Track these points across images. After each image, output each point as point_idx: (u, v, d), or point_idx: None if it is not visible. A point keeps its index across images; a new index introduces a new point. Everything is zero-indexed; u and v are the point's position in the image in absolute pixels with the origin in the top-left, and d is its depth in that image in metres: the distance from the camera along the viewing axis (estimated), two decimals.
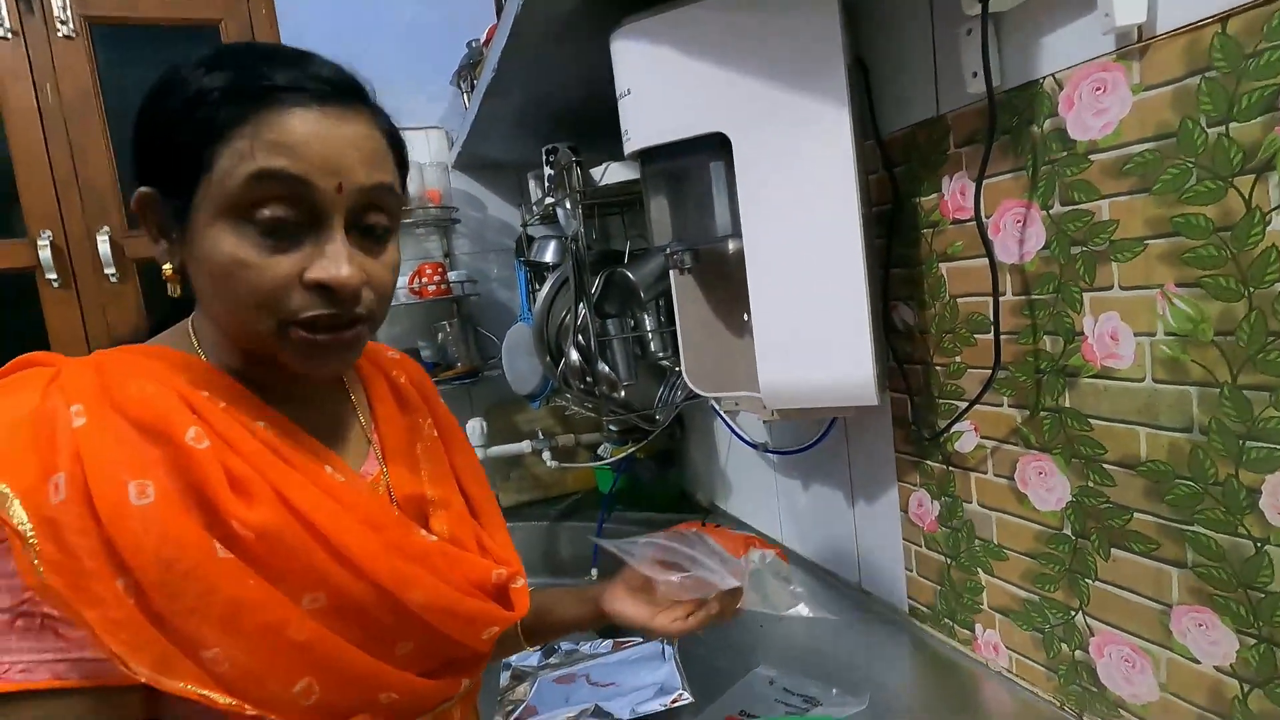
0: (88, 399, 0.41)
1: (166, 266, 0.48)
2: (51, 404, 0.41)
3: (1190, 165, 0.51)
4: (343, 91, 0.46)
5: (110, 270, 1.45)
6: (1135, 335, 0.56)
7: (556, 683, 0.85)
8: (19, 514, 0.37)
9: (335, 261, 0.44)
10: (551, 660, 0.93)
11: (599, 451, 1.64)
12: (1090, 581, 0.64)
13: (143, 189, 0.47)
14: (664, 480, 1.57)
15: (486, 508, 0.60)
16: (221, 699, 0.40)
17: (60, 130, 1.42)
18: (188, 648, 0.40)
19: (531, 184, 1.44)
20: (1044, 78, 0.60)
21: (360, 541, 0.45)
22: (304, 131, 0.43)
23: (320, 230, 0.45)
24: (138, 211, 0.48)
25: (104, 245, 1.44)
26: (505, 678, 0.89)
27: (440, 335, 1.57)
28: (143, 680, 0.38)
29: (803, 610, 0.61)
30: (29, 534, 0.37)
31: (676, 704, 0.78)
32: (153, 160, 0.46)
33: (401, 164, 0.51)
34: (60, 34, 1.41)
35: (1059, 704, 0.69)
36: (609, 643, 0.95)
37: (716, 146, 0.77)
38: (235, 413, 0.46)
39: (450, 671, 0.52)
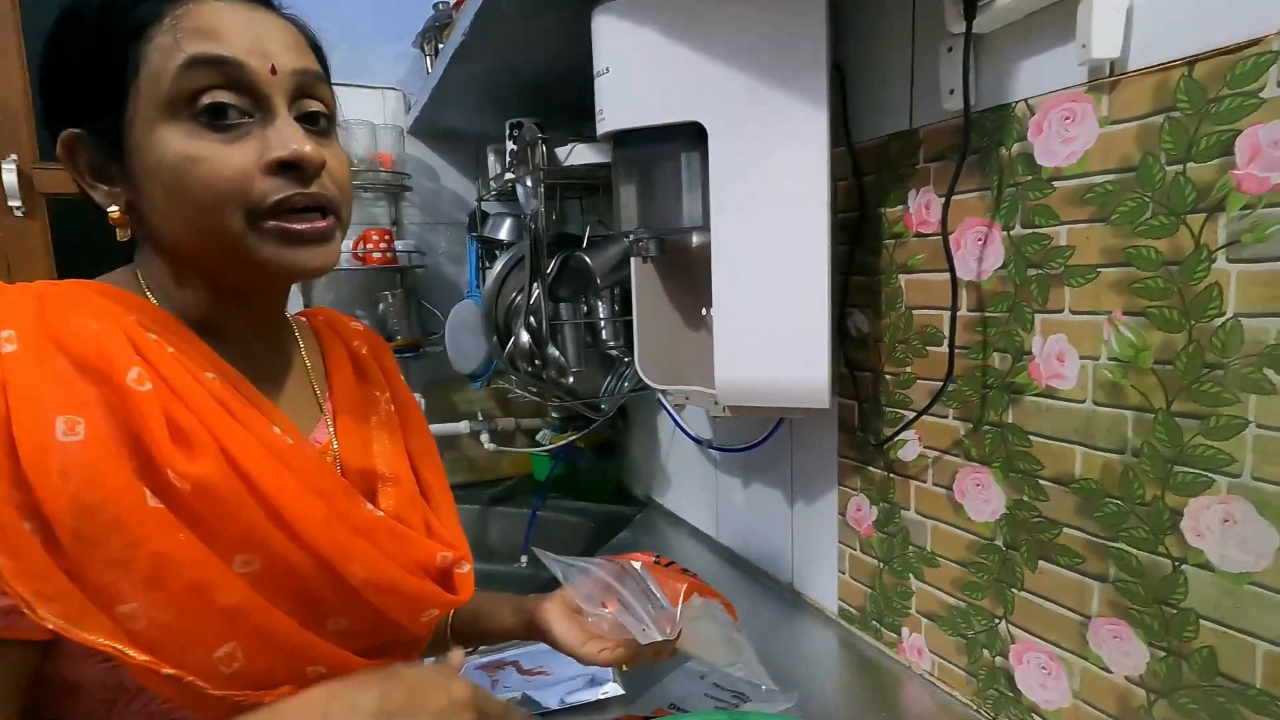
0: (22, 327, 0.38)
1: (113, 209, 0.45)
2: None
3: (1147, 200, 0.53)
4: None
5: (15, 203, 1.32)
6: (1080, 358, 0.59)
7: (484, 670, 0.83)
8: None
9: (292, 137, 0.43)
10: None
11: (538, 438, 1.61)
12: (1016, 591, 0.66)
13: (65, 132, 0.44)
14: (602, 471, 1.56)
15: (437, 491, 0.57)
16: (137, 655, 0.37)
17: None
18: (102, 601, 0.37)
19: (491, 158, 1.40)
20: (1017, 102, 0.62)
21: (303, 506, 0.43)
22: (226, 19, 0.43)
23: (266, 116, 0.44)
24: (65, 159, 0.45)
25: (9, 175, 1.31)
26: (429, 662, 0.86)
27: (381, 305, 1.51)
28: (50, 628, 0.35)
29: (737, 671, 0.60)
30: None
31: (607, 695, 0.77)
32: (71, 93, 0.44)
33: (323, 62, 0.50)
34: None
35: (976, 707, 0.72)
36: None
37: (692, 136, 0.76)
38: (184, 359, 0.43)
39: (383, 653, 0.50)
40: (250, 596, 0.41)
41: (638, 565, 0.62)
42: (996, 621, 0.69)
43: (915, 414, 0.74)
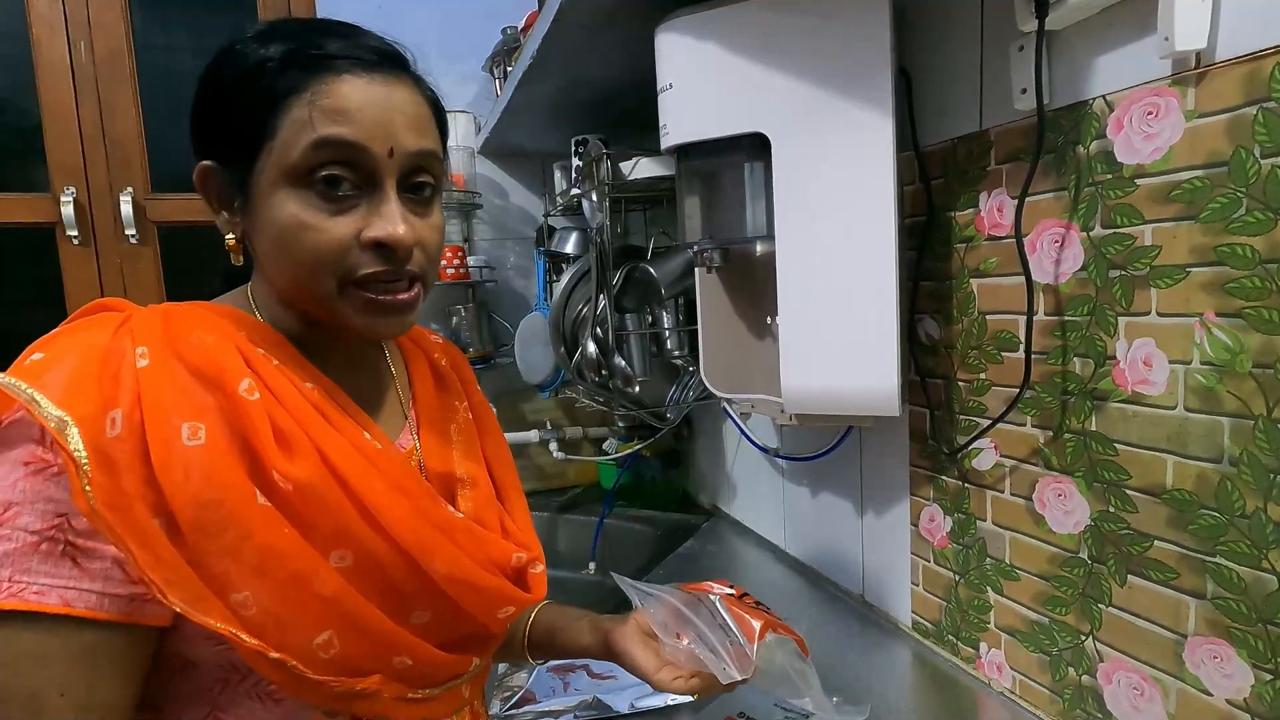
0: (153, 343, 0.43)
1: (229, 236, 0.50)
2: (120, 344, 0.43)
3: (1240, 195, 0.51)
4: (389, 60, 0.49)
5: (131, 231, 1.45)
6: (1170, 362, 0.56)
7: (555, 672, 0.85)
8: (76, 441, 0.39)
9: (391, 220, 0.46)
10: None
11: (604, 446, 1.63)
12: (1104, 607, 0.64)
13: (203, 163, 0.49)
14: (667, 479, 1.57)
15: (512, 494, 0.60)
16: (249, 640, 0.41)
17: (91, 87, 1.42)
18: (217, 588, 0.41)
19: (557, 174, 1.44)
20: (1094, 99, 0.60)
21: (390, 505, 0.46)
22: (358, 99, 0.46)
23: (374, 192, 0.47)
24: (198, 184, 0.50)
25: (126, 205, 1.44)
26: (504, 664, 0.89)
27: (454, 319, 1.57)
28: (176, 610, 0.39)
29: (806, 704, 0.59)
30: (84, 461, 0.39)
31: (676, 701, 0.78)
32: (212, 132, 0.49)
33: (443, 129, 0.53)
34: None
35: None
36: None
37: (755, 146, 0.77)
38: (287, 371, 0.47)
39: (462, 647, 0.52)
40: (344, 588, 0.44)
41: (714, 597, 0.61)
42: (1083, 638, 0.66)
43: (991, 421, 0.71)
